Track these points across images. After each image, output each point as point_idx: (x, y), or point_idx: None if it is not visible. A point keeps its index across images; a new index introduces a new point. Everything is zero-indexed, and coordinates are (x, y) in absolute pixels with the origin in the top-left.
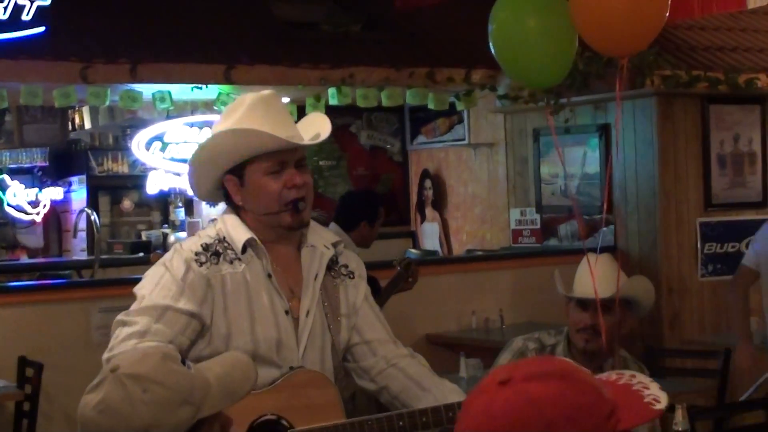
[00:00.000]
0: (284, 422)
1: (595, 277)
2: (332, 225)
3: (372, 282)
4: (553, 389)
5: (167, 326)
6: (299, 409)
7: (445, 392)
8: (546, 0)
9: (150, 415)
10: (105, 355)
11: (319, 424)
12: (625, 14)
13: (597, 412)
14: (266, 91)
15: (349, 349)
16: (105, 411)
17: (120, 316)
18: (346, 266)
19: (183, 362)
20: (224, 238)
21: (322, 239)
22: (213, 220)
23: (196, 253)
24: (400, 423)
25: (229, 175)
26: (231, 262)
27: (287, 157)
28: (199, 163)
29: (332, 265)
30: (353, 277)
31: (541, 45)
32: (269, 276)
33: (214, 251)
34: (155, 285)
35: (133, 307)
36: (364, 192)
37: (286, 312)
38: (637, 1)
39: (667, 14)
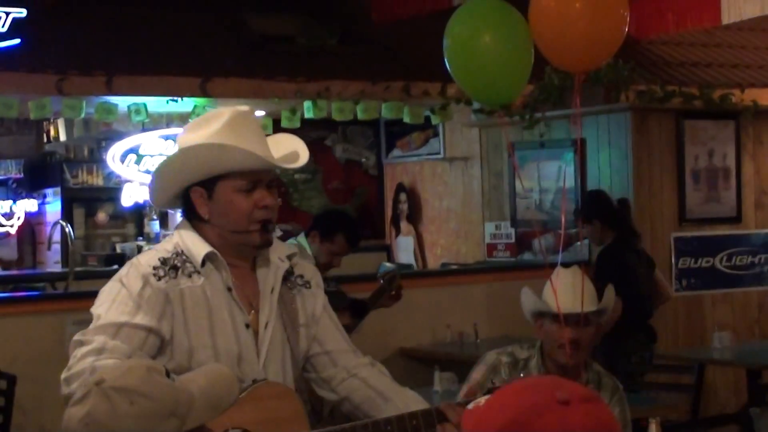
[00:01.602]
0: None
1: (570, 292)
2: (300, 235)
3: (360, 304)
4: (608, 411)
5: (124, 342)
6: (264, 422)
7: (408, 401)
8: (502, 16)
9: (136, 427)
10: (63, 375)
11: None
12: (583, 30)
13: None
14: (243, 107)
15: (309, 359)
16: (91, 424)
17: (77, 336)
18: (302, 276)
19: (167, 375)
20: (182, 251)
21: (276, 252)
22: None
23: (154, 267)
24: None
25: (197, 186)
26: (189, 276)
27: (261, 176)
28: (168, 171)
29: (288, 276)
30: (310, 287)
31: (496, 62)
32: (229, 289)
33: (172, 265)
34: (111, 302)
35: (90, 326)
36: (339, 212)
37: (247, 325)
38: (596, 17)
39: (626, 31)
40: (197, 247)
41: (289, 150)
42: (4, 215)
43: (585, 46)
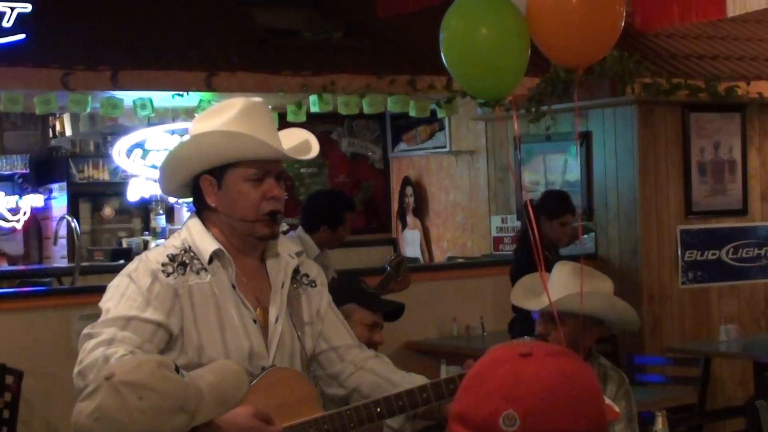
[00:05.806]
0: None
1: (552, 286)
2: (299, 229)
3: (397, 307)
4: (579, 367)
5: (134, 333)
6: (278, 407)
7: (415, 383)
8: (499, 10)
9: (146, 422)
10: (76, 369)
11: (299, 419)
12: (579, 25)
13: (602, 398)
14: (257, 99)
15: (317, 357)
16: (100, 419)
17: (86, 330)
18: (307, 275)
19: (177, 370)
20: (190, 247)
21: (287, 248)
22: (178, 229)
23: (163, 264)
24: (378, 409)
25: (206, 174)
26: (197, 273)
27: (271, 167)
28: (180, 158)
29: (294, 274)
30: (315, 286)
31: (491, 56)
32: (233, 287)
33: (181, 262)
34: (121, 297)
35: (99, 320)
36: (331, 193)
37: (254, 321)
38: (592, 12)
39: (622, 25)
40: (205, 243)
41: (299, 142)
42: (10, 210)
43: (581, 41)
